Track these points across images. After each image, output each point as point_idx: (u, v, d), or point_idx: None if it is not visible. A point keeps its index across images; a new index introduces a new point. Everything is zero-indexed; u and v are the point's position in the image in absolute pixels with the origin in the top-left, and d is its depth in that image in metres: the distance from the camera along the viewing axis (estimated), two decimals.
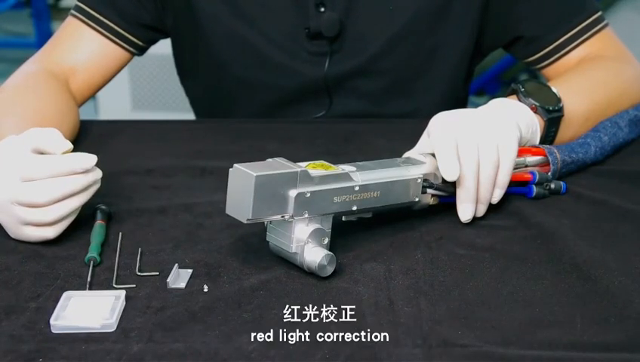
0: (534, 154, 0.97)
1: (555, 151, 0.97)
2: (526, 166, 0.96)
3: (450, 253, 0.83)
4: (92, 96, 1.23)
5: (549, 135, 1.01)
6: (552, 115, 1.00)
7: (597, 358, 0.67)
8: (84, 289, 0.76)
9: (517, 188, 0.95)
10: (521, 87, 1.00)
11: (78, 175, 0.82)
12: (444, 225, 0.88)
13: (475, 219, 0.89)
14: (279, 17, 1.19)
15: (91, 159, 0.82)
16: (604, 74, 1.12)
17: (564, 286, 0.77)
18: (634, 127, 1.09)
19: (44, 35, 3.87)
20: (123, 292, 0.74)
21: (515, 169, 0.95)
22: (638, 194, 0.96)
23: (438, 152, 0.86)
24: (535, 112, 0.98)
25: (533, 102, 0.99)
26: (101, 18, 1.18)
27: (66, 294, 0.74)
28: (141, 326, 0.71)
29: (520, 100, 0.99)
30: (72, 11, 1.20)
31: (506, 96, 1.01)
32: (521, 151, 0.96)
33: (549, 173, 0.96)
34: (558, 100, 1.01)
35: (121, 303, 0.73)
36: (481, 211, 0.89)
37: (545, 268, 0.80)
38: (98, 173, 0.84)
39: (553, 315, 0.72)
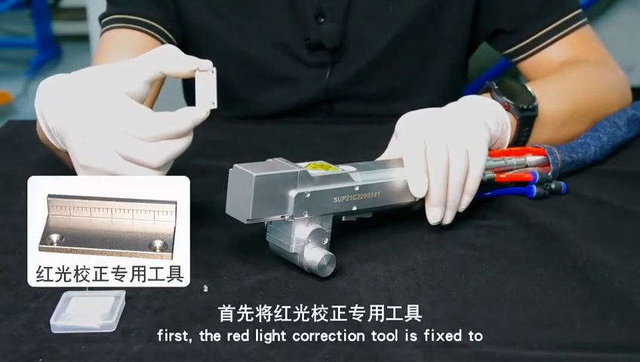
0: (534, 154, 0.97)
1: (555, 151, 0.97)
2: (526, 166, 0.96)
3: (450, 253, 0.83)
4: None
5: (521, 134, 0.99)
6: (525, 114, 0.98)
7: (597, 358, 0.66)
8: (84, 289, 0.76)
9: (517, 188, 0.95)
10: (494, 84, 0.98)
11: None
12: (444, 225, 0.87)
13: (475, 219, 0.89)
14: (276, 30, 1.17)
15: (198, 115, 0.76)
16: (585, 78, 1.11)
17: (565, 286, 0.77)
18: (632, 126, 1.09)
19: (44, 35, 3.89)
20: (123, 293, 0.74)
21: (515, 169, 0.95)
22: (638, 194, 0.96)
23: (407, 161, 0.84)
24: (507, 110, 0.97)
25: (506, 100, 0.97)
26: (134, 17, 1.15)
27: (66, 294, 0.74)
28: (141, 326, 0.71)
29: (493, 97, 0.97)
30: (102, 29, 1.17)
31: (480, 93, 0.99)
32: (521, 151, 0.96)
33: (550, 173, 0.96)
34: (533, 99, 0.99)
35: (121, 303, 0.73)
36: (449, 218, 0.86)
37: (545, 268, 0.80)
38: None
39: (553, 315, 0.72)
